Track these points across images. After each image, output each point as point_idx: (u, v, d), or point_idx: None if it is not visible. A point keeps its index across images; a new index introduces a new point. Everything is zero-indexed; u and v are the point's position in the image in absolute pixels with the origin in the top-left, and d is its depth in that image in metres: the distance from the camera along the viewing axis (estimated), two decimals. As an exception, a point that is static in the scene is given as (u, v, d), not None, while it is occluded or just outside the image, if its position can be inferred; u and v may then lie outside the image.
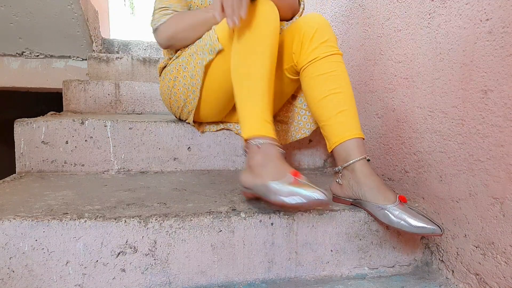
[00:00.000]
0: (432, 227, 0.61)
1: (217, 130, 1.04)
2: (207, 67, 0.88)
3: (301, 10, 0.99)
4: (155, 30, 0.95)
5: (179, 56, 0.97)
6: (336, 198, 0.77)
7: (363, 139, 0.75)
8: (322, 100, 0.78)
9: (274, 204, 0.61)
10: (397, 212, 0.64)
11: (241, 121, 0.73)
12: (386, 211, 0.66)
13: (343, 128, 0.75)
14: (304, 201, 0.57)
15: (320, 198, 0.57)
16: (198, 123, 1.04)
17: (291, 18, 0.99)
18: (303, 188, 0.58)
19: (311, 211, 0.70)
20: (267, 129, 0.70)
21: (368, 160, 0.73)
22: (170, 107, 1.04)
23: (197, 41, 0.92)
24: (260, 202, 0.74)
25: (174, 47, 0.96)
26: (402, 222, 0.63)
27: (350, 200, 0.74)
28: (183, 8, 0.97)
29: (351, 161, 0.72)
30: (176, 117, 1.09)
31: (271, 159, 0.66)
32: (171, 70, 0.97)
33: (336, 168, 0.75)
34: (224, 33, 0.83)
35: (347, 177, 0.73)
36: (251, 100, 0.72)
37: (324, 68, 0.79)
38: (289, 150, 1.12)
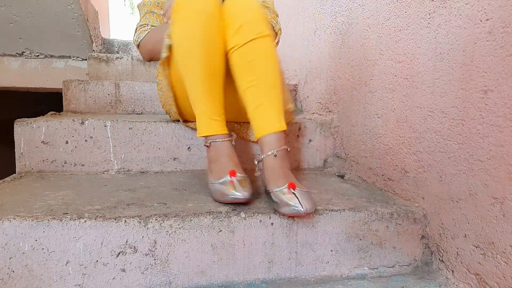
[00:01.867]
0: (294, 207, 0.64)
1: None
2: (163, 64, 0.90)
3: (277, 39, 0.99)
4: (137, 46, 1.01)
5: None
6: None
7: (281, 131, 0.75)
8: (243, 94, 0.78)
9: (215, 201, 0.74)
10: (278, 193, 0.68)
11: (196, 120, 0.78)
12: (271, 194, 0.70)
13: (257, 125, 0.76)
14: (230, 199, 0.70)
15: (240, 197, 0.69)
16: (187, 121, 1.04)
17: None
18: (233, 190, 0.69)
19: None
20: (213, 128, 0.75)
21: (288, 149, 0.76)
22: (168, 110, 1.04)
23: None
24: (260, 202, 0.75)
25: (155, 59, 1.02)
26: (276, 200, 0.68)
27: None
28: (162, 23, 1.01)
29: (263, 157, 0.75)
30: (172, 119, 1.09)
31: (221, 155, 0.75)
32: (159, 74, 1.00)
33: (255, 161, 0.78)
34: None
35: (262, 170, 0.76)
36: (195, 99, 0.76)
37: (242, 58, 0.75)
38: (288, 149, 1.12)
